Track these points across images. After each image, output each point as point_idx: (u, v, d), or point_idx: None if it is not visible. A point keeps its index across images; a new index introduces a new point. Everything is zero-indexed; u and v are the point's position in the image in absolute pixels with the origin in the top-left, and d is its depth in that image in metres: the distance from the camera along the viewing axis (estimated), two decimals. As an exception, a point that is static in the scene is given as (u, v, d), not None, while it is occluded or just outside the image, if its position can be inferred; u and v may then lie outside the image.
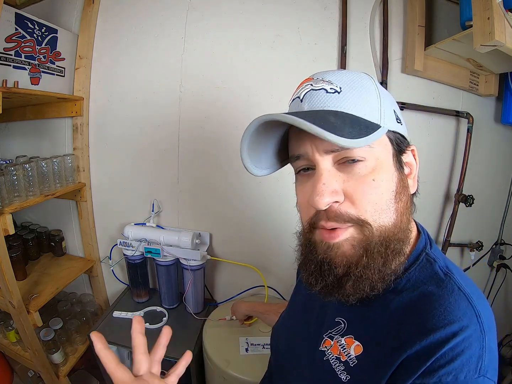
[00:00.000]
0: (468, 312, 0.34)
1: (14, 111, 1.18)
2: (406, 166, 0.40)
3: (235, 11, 1.03)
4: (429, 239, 0.42)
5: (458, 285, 0.36)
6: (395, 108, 0.40)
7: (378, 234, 0.36)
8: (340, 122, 0.33)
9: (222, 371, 0.88)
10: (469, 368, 0.31)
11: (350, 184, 0.35)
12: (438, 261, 0.39)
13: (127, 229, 1.14)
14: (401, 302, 0.37)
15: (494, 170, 1.22)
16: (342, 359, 0.40)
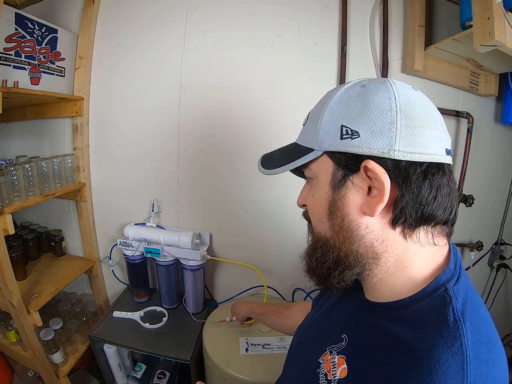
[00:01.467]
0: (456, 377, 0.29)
1: (14, 111, 1.18)
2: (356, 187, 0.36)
3: (235, 11, 1.03)
4: (459, 271, 0.37)
5: (462, 340, 0.30)
6: (347, 122, 0.35)
7: (315, 238, 0.43)
8: (278, 154, 0.46)
9: (222, 371, 0.88)
10: None
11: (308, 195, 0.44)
12: (455, 303, 0.33)
13: (127, 229, 1.14)
14: (397, 337, 0.34)
15: (494, 170, 1.22)
16: (328, 377, 0.39)
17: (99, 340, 1.04)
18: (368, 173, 0.35)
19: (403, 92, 0.35)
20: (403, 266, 0.37)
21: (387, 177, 0.33)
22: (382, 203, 0.34)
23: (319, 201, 0.40)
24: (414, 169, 0.34)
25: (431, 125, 0.35)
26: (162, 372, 1.20)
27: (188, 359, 0.95)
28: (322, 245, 0.41)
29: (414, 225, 0.35)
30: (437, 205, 0.35)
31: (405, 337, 0.33)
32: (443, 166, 0.36)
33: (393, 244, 0.36)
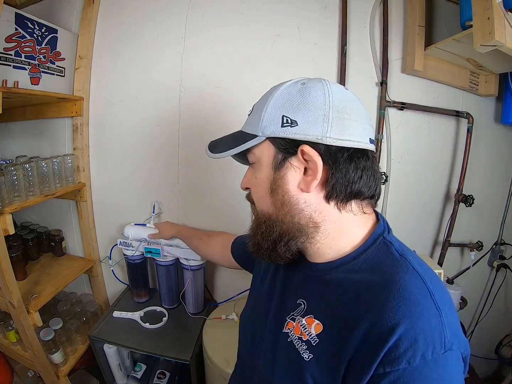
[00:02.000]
0: (422, 290, 0.36)
1: (14, 111, 1.18)
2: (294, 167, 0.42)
3: (235, 11, 1.03)
4: (388, 227, 0.46)
5: (412, 265, 0.39)
6: (287, 113, 0.41)
7: (261, 216, 0.47)
8: (224, 140, 0.50)
9: (222, 371, 0.88)
10: (433, 345, 0.32)
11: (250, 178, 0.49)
12: (394, 244, 0.43)
13: (127, 229, 1.14)
14: (357, 281, 0.40)
15: (494, 170, 1.22)
16: (303, 339, 0.42)
17: (99, 340, 1.04)
18: (304, 156, 0.41)
19: (336, 90, 0.42)
20: (342, 231, 0.44)
21: (320, 159, 0.40)
22: (316, 180, 0.41)
23: (262, 182, 0.45)
24: (342, 153, 0.41)
25: (357, 118, 0.42)
26: (162, 372, 1.20)
27: (188, 359, 0.95)
28: (266, 220, 0.46)
29: (345, 199, 0.43)
30: (363, 184, 0.42)
31: (366, 279, 0.39)
32: (367, 152, 0.43)
33: (330, 215, 0.43)
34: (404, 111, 1.07)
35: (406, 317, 0.33)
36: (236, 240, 0.85)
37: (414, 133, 1.11)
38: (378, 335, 0.33)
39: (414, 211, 1.19)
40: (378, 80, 1.04)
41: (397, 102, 1.04)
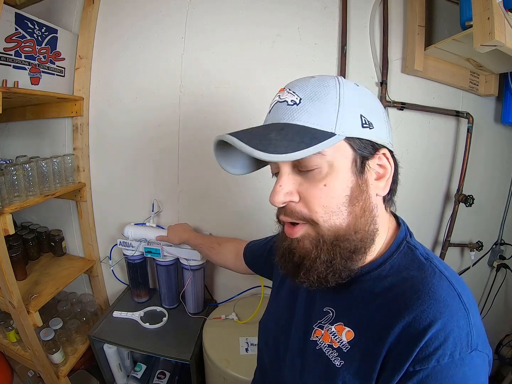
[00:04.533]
0: (451, 292, 0.36)
1: (14, 111, 1.18)
2: (371, 171, 0.41)
3: (235, 11, 1.03)
4: (409, 231, 0.46)
5: (439, 269, 0.39)
6: (364, 113, 0.39)
7: (329, 234, 0.39)
8: (281, 137, 0.36)
9: (222, 371, 0.88)
10: (461, 345, 0.33)
11: (304, 187, 0.40)
12: (419, 248, 0.43)
13: (127, 229, 1.14)
14: (385, 287, 0.40)
15: (494, 170, 1.22)
16: (334, 346, 0.42)
17: (99, 340, 1.04)
18: (382, 160, 0.41)
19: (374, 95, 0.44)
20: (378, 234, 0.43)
21: (393, 163, 0.42)
22: (389, 183, 0.42)
23: (338, 190, 0.39)
24: (394, 156, 0.43)
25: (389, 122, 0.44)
26: (162, 372, 1.20)
27: (188, 359, 0.95)
28: (341, 236, 0.39)
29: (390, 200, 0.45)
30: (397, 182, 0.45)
31: (395, 284, 0.39)
32: None
33: (383, 218, 0.44)
34: (404, 111, 1.06)
35: (437, 317, 0.33)
36: (247, 248, 0.82)
37: (414, 133, 1.11)
38: (412, 336, 0.34)
39: (414, 211, 1.18)
40: (378, 80, 1.04)
41: (397, 102, 1.04)
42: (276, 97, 0.43)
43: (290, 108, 0.39)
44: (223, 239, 0.96)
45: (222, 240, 0.95)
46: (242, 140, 0.35)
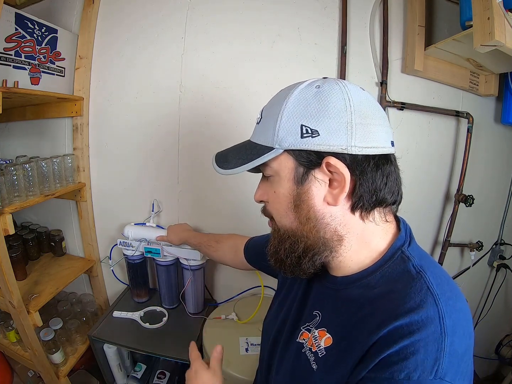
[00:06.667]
0: (432, 312, 0.34)
1: (14, 111, 1.18)
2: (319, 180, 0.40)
3: (235, 11, 1.03)
4: (409, 237, 0.44)
5: (428, 285, 0.36)
6: (307, 122, 0.38)
7: (281, 232, 0.45)
8: (234, 153, 0.45)
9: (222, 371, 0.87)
10: (423, 368, 0.32)
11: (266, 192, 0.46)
12: (413, 260, 0.40)
13: (127, 229, 1.14)
14: (371, 298, 0.39)
15: (494, 170, 1.22)
16: (313, 350, 0.43)
17: (99, 340, 1.04)
18: (330, 168, 0.38)
19: (355, 93, 0.39)
20: (364, 243, 0.42)
21: (347, 170, 0.38)
22: (344, 193, 0.39)
23: (282, 197, 0.42)
24: (368, 162, 0.38)
25: (379, 121, 0.40)
26: (162, 372, 1.20)
27: (188, 359, 0.95)
28: (290, 236, 0.43)
29: (370, 208, 0.41)
30: (388, 190, 0.41)
31: (379, 298, 0.38)
32: (390, 156, 0.41)
33: (354, 226, 0.42)
34: (404, 111, 1.07)
35: (407, 336, 0.33)
36: (249, 245, 0.81)
37: (414, 133, 1.11)
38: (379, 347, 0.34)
39: (414, 211, 1.18)
40: (378, 80, 1.04)
41: (397, 102, 1.04)
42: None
43: (255, 127, 0.45)
44: (221, 237, 0.96)
45: (221, 237, 0.95)
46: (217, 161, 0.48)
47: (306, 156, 0.39)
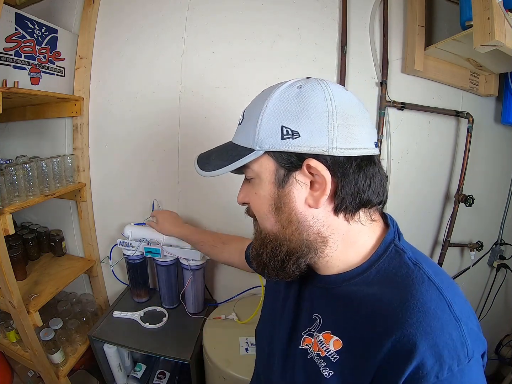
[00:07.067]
0: (440, 303, 0.34)
1: (14, 111, 1.18)
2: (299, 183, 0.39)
3: (235, 11, 1.03)
4: (398, 233, 0.44)
5: (428, 275, 0.37)
6: (287, 123, 0.37)
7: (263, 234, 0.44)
8: (216, 155, 0.45)
9: (222, 371, 0.88)
10: (458, 357, 0.32)
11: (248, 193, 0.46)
12: (407, 252, 0.40)
13: (127, 229, 1.14)
14: (372, 295, 0.38)
15: (494, 170, 1.22)
16: (321, 355, 0.41)
17: (99, 340, 1.04)
18: (311, 170, 0.38)
19: (338, 93, 0.38)
20: (350, 242, 0.42)
21: (328, 172, 0.37)
22: (325, 195, 0.38)
23: (263, 199, 0.42)
24: (350, 163, 0.38)
25: (362, 122, 0.39)
26: (162, 372, 1.20)
27: (188, 359, 0.95)
28: (272, 240, 0.43)
29: (354, 210, 0.40)
30: (372, 192, 0.40)
31: (381, 292, 0.37)
32: (373, 157, 0.41)
33: (338, 227, 0.41)
34: (404, 111, 1.07)
35: (427, 332, 0.32)
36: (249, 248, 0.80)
37: (414, 133, 1.11)
38: (401, 353, 0.32)
39: (414, 211, 1.19)
40: (378, 80, 1.04)
41: (397, 102, 1.04)
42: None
43: (237, 128, 0.45)
44: (227, 237, 0.93)
45: (227, 238, 0.92)
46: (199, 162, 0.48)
47: (286, 158, 0.38)
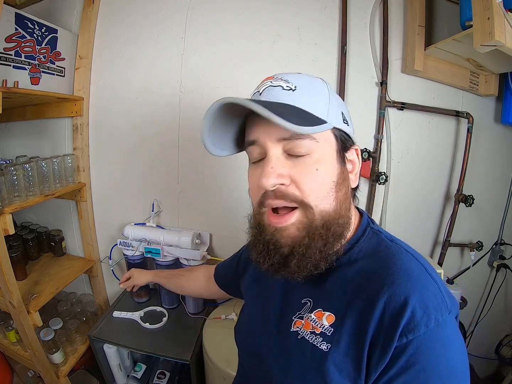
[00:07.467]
0: (419, 266, 0.40)
1: (14, 111, 1.18)
2: (348, 163, 0.46)
3: (235, 11, 1.03)
4: (371, 219, 0.50)
5: (404, 248, 0.43)
6: (344, 111, 0.45)
7: (320, 218, 0.40)
8: (289, 112, 0.38)
9: (222, 371, 0.88)
10: (440, 309, 0.36)
11: (296, 170, 0.40)
12: (383, 232, 0.47)
13: (127, 229, 1.14)
14: (357, 270, 0.42)
15: (494, 170, 1.22)
16: (317, 332, 0.42)
17: (99, 340, 1.04)
18: (353, 154, 0.46)
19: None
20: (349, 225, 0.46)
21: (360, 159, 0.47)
22: (358, 177, 0.47)
23: (327, 175, 0.41)
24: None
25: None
26: (162, 372, 1.19)
27: (188, 359, 0.95)
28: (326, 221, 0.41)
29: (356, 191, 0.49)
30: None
31: (367, 266, 0.42)
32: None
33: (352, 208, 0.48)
34: (404, 111, 1.07)
35: (413, 290, 0.36)
36: (217, 269, 0.84)
37: (414, 133, 1.11)
38: (394, 310, 0.36)
39: (414, 211, 1.19)
40: (378, 80, 1.04)
41: (397, 102, 1.04)
42: (267, 82, 0.43)
43: (287, 92, 0.41)
44: (192, 267, 0.99)
45: (192, 267, 0.98)
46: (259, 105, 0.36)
47: (345, 138, 0.44)
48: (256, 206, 0.44)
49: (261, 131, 0.41)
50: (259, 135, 0.41)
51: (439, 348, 0.35)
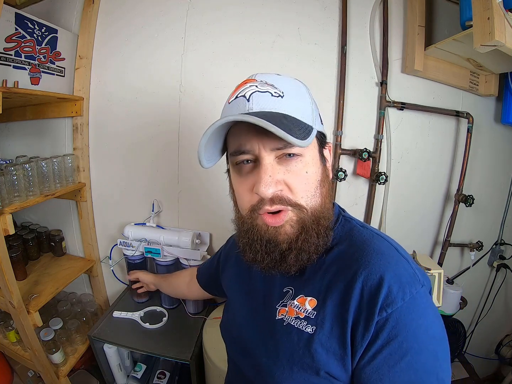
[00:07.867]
0: (390, 247, 0.44)
1: (14, 111, 1.18)
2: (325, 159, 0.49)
3: (235, 12, 1.03)
4: (341, 208, 0.54)
5: (375, 232, 0.47)
6: (319, 111, 0.49)
7: (310, 214, 0.44)
8: (291, 124, 0.39)
9: (222, 371, 0.88)
10: (413, 283, 0.40)
11: (289, 175, 0.43)
12: (354, 219, 0.51)
13: (127, 229, 1.14)
14: (334, 255, 0.46)
15: (494, 170, 1.22)
16: (301, 317, 0.45)
17: (99, 340, 1.04)
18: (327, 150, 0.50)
19: None
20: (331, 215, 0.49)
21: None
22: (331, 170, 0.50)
23: (313, 176, 0.44)
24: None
25: None
26: (162, 372, 1.19)
27: (188, 359, 0.95)
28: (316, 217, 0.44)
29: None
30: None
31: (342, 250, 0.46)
32: None
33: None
34: (404, 111, 1.07)
35: (387, 268, 0.40)
36: (199, 270, 0.88)
37: (414, 133, 1.11)
38: (372, 287, 0.39)
39: (414, 211, 1.19)
40: (378, 80, 1.04)
41: (397, 102, 1.04)
42: (251, 85, 0.42)
43: (276, 99, 0.41)
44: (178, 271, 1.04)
45: (177, 272, 1.03)
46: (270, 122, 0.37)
47: (322, 138, 0.48)
48: (247, 211, 0.45)
49: (254, 142, 0.42)
50: (252, 145, 0.42)
51: (417, 318, 0.38)
